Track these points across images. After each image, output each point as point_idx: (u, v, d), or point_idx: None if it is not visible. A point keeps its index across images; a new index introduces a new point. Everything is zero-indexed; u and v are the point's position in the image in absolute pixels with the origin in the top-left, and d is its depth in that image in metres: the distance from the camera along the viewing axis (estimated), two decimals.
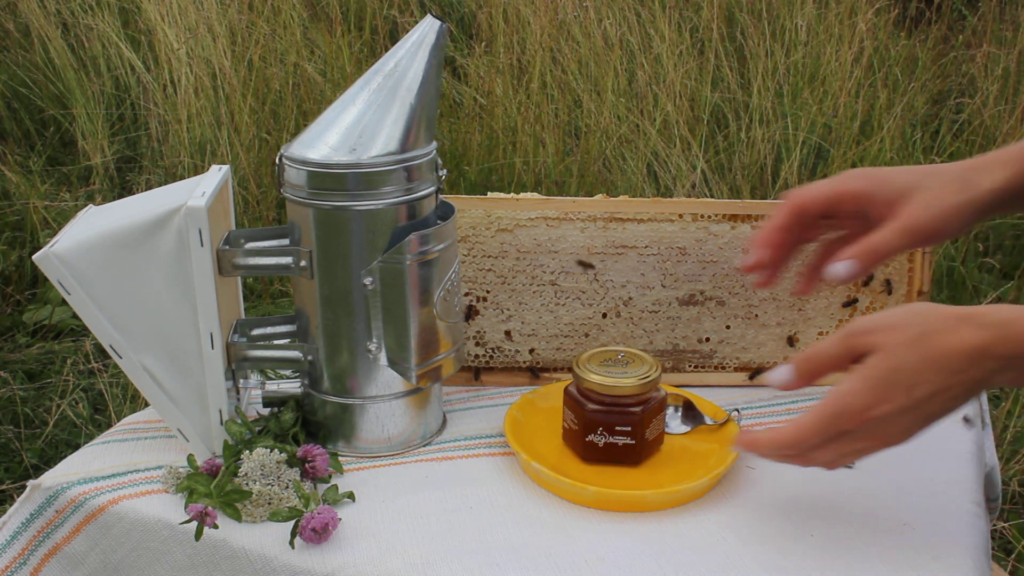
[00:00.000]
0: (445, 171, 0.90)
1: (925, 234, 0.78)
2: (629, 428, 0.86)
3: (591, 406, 0.87)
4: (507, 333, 1.04)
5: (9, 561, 0.85)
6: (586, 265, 1.01)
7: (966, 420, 0.96)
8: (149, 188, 2.75)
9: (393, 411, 0.90)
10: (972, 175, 0.79)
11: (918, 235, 0.78)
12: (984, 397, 1.08)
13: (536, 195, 1.01)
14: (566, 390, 0.90)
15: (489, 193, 1.01)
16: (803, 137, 3.00)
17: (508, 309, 1.04)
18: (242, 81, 3.02)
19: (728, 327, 1.05)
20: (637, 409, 0.86)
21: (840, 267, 0.78)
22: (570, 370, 1.02)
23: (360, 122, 0.84)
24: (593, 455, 0.88)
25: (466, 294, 1.03)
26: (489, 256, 1.02)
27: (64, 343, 2.32)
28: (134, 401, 2.03)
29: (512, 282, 1.03)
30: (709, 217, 1.02)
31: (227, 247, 0.88)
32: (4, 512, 1.03)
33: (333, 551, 0.77)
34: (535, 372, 1.05)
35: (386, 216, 0.85)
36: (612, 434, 0.86)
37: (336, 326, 0.87)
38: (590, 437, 0.87)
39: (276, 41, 3.26)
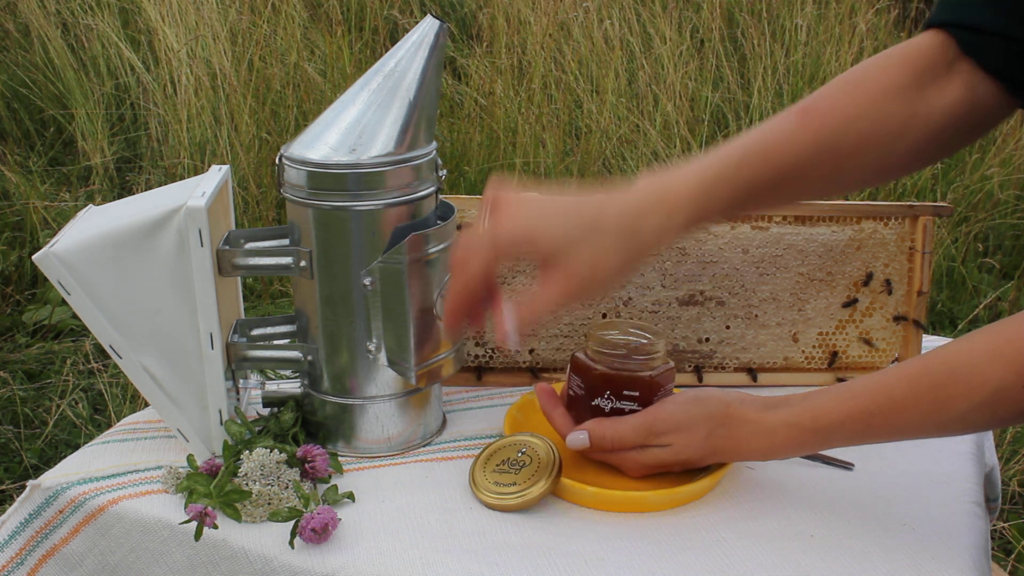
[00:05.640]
0: (445, 171, 0.90)
1: (585, 293, 0.77)
2: (637, 393, 0.85)
3: (599, 368, 0.86)
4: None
5: (6, 561, 0.85)
6: None
7: None
8: (149, 188, 2.75)
9: (393, 411, 0.90)
10: (645, 221, 0.76)
11: (577, 296, 0.77)
12: None
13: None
14: (573, 356, 0.88)
15: None
16: None
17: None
18: (242, 81, 3.02)
19: (728, 327, 1.05)
20: (645, 374, 0.85)
21: (508, 338, 0.76)
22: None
23: (360, 122, 0.84)
24: None
25: None
26: None
27: (64, 343, 2.32)
28: (134, 401, 2.03)
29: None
30: None
31: (227, 247, 0.88)
32: (3, 512, 1.03)
33: (333, 551, 0.77)
34: (535, 372, 1.05)
35: (386, 216, 0.85)
36: (620, 399, 0.85)
37: (336, 326, 0.87)
38: (596, 401, 0.85)
39: (276, 41, 3.26)
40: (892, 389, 0.73)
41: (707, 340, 1.05)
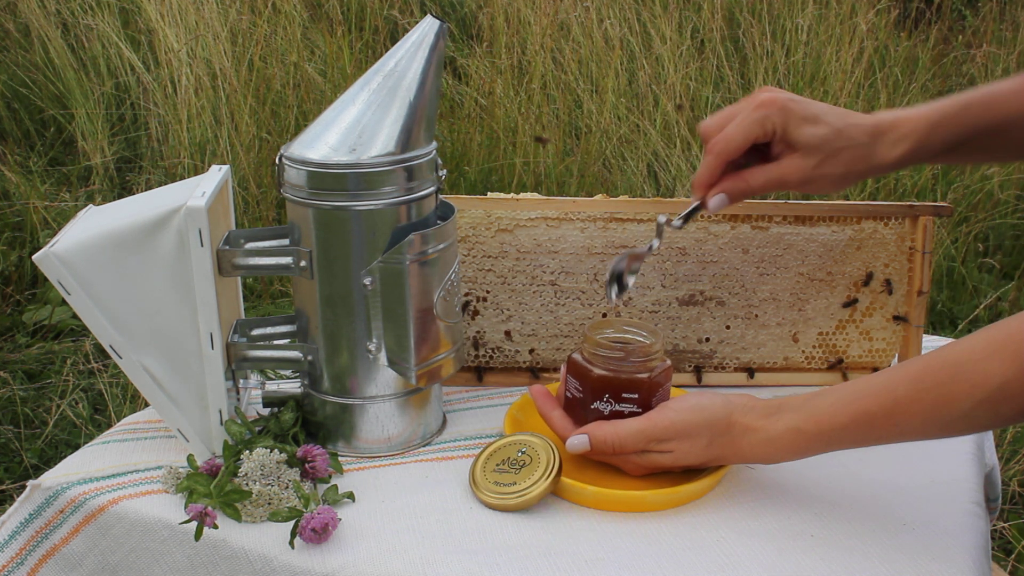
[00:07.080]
0: (445, 171, 0.90)
1: (795, 187, 0.85)
2: (636, 395, 0.84)
3: (597, 371, 0.85)
4: (507, 333, 1.04)
5: (6, 561, 0.85)
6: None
7: None
8: (149, 188, 2.75)
9: (393, 411, 0.90)
10: (878, 145, 0.85)
11: (786, 187, 0.85)
12: None
13: (536, 195, 1.01)
14: (570, 358, 0.88)
15: (489, 193, 1.01)
16: None
17: (508, 309, 1.04)
18: (242, 81, 3.02)
19: (728, 327, 1.05)
20: (644, 376, 0.85)
21: (713, 201, 0.87)
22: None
23: (360, 122, 0.84)
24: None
25: (466, 294, 1.03)
26: (489, 256, 1.02)
27: (64, 343, 2.32)
28: (134, 401, 2.03)
29: (512, 282, 1.03)
30: (709, 217, 1.02)
31: (227, 247, 0.88)
32: (3, 512, 1.03)
33: (333, 551, 0.77)
34: (535, 372, 1.05)
35: (386, 216, 0.85)
36: (619, 401, 0.85)
37: (336, 326, 0.87)
38: (595, 404, 0.85)
39: (276, 41, 3.26)
40: (895, 389, 0.73)
41: (707, 340, 1.05)
